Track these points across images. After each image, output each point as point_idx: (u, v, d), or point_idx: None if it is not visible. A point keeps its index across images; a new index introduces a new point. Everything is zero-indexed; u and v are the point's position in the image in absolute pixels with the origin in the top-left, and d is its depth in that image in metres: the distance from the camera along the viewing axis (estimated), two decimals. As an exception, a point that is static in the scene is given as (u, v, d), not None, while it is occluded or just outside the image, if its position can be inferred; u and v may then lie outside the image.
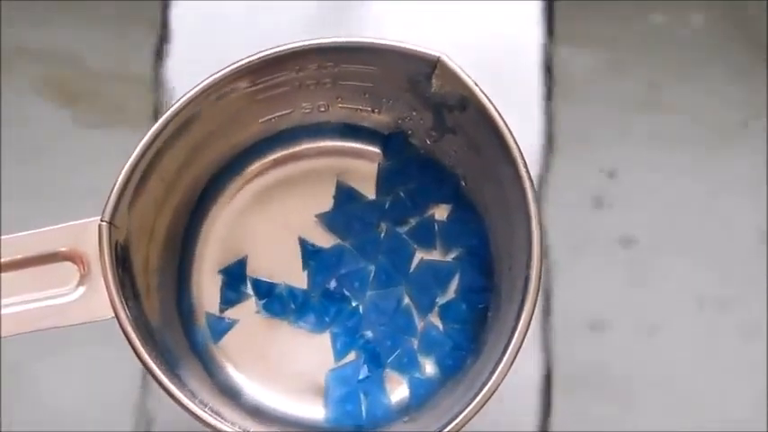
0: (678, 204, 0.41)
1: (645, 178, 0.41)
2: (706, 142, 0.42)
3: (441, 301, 0.35)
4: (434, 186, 0.35)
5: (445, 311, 0.35)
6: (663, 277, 0.40)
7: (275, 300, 0.35)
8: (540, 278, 0.29)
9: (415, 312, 0.35)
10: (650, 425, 0.39)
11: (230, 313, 0.35)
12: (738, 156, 0.41)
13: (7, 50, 0.42)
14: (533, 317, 0.29)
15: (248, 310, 0.35)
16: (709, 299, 0.40)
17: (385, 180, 0.36)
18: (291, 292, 0.35)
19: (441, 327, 0.35)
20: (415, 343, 0.34)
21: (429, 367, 0.34)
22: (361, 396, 0.34)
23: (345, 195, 0.36)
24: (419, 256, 0.35)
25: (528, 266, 0.29)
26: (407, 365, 0.34)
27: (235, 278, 0.35)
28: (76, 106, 0.41)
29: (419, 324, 0.35)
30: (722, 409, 0.39)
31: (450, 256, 0.35)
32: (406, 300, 0.35)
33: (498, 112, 0.30)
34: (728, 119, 0.42)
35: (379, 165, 0.36)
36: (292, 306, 0.35)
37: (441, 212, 0.36)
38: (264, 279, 0.35)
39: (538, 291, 0.29)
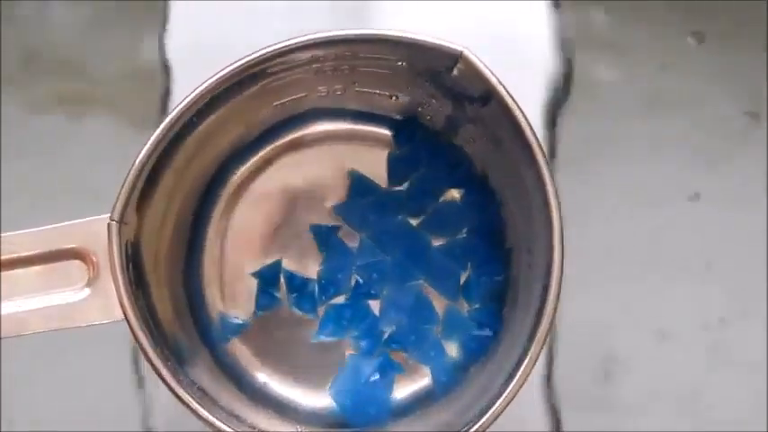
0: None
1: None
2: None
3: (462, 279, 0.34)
4: (447, 171, 0.34)
5: (465, 290, 0.34)
6: (665, 282, 0.40)
7: (306, 297, 0.34)
8: (561, 276, 0.28)
9: (434, 301, 0.34)
10: (650, 425, 0.39)
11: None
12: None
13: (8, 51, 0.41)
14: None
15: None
16: (710, 298, 0.40)
17: (395, 169, 0.35)
18: (323, 291, 0.34)
19: (464, 309, 0.34)
20: (438, 330, 0.34)
21: (453, 352, 0.34)
22: (366, 395, 0.34)
23: (360, 185, 0.35)
24: (434, 243, 0.35)
25: (549, 260, 0.28)
26: (434, 356, 0.34)
27: (268, 281, 0.34)
28: (81, 106, 0.40)
29: (440, 310, 0.34)
30: (722, 409, 0.39)
31: (463, 235, 0.35)
32: (424, 292, 0.34)
33: (521, 110, 0.29)
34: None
35: (389, 153, 0.35)
36: (322, 301, 0.34)
37: (453, 196, 0.35)
38: (299, 275, 0.34)
39: (559, 287, 0.28)
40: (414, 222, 0.35)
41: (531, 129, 0.29)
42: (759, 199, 0.40)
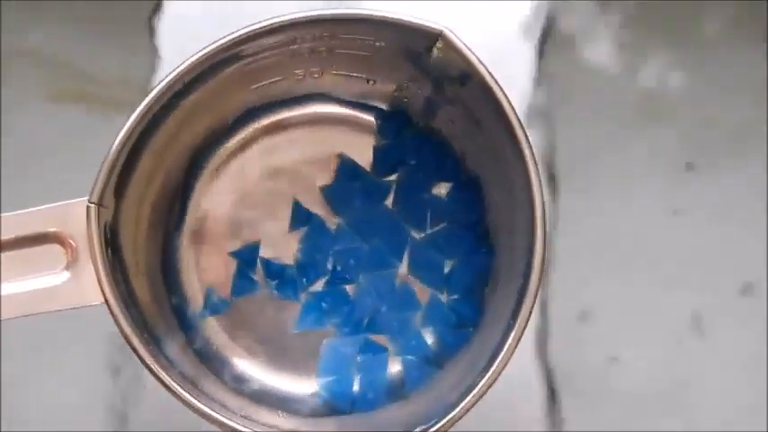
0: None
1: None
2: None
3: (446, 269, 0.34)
4: (435, 164, 0.34)
5: (448, 280, 0.34)
6: (663, 280, 0.40)
7: (287, 282, 0.34)
8: (544, 254, 0.28)
9: (416, 288, 0.34)
10: (650, 425, 0.39)
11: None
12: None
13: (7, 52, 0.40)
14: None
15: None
16: (711, 298, 0.40)
17: (381, 160, 0.35)
18: (302, 272, 0.34)
19: (445, 300, 0.34)
20: (419, 319, 0.34)
21: (430, 345, 0.34)
22: (356, 376, 0.33)
23: (348, 170, 0.35)
24: (416, 235, 0.34)
25: (532, 240, 0.28)
26: (414, 346, 0.34)
27: (246, 263, 0.34)
28: (76, 103, 0.40)
29: (422, 298, 0.34)
30: (722, 409, 0.39)
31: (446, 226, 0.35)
32: (403, 278, 0.34)
33: (502, 89, 0.29)
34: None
35: (374, 146, 0.35)
36: (303, 285, 0.34)
37: (440, 190, 0.35)
38: (276, 261, 0.34)
39: (543, 266, 0.28)
40: (397, 212, 0.35)
41: (512, 106, 0.29)
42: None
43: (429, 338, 0.34)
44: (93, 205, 0.27)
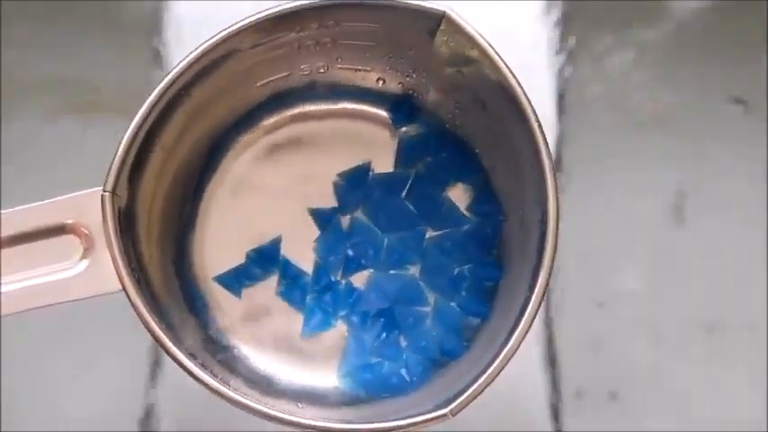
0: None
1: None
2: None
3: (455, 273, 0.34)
4: (456, 164, 0.34)
5: (455, 286, 0.34)
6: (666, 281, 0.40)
7: (297, 289, 0.34)
8: (556, 233, 0.28)
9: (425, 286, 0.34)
10: (650, 425, 0.39)
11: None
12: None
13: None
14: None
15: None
16: (711, 297, 0.40)
17: (406, 152, 0.35)
18: (319, 281, 0.34)
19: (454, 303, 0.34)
20: (431, 320, 0.34)
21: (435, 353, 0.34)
22: (383, 363, 0.33)
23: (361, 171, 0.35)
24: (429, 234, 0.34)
25: (544, 222, 0.28)
26: (424, 346, 0.33)
27: (266, 259, 0.34)
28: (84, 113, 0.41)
29: (431, 298, 0.34)
30: (722, 410, 0.39)
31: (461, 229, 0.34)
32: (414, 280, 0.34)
33: (508, 66, 0.29)
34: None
35: (400, 138, 0.35)
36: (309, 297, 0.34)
37: (457, 192, 0.35)
38: (297, 265, 0.34)
39: (555, 248, 0.28)
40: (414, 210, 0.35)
41: (518, 82, 0.29)
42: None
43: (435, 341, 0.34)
44: (107, 193, 0.27)
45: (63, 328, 0.38)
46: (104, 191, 0.28)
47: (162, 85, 0.29)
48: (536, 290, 0.28)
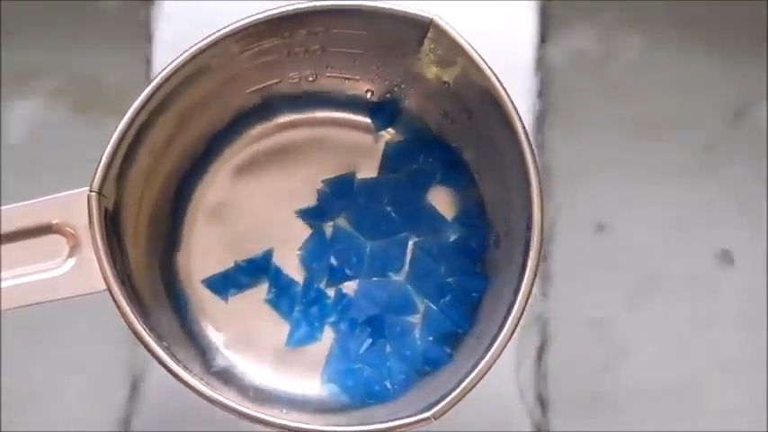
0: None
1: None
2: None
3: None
4: (442, 171, 0.35)
5: (441, 293, 0.34)
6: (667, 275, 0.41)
7: (286, 298, 0.34)
8: (541, 238, 0.28)
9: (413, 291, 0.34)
10: (650, 425, 0.39)
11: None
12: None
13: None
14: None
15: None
16: (710, 297, 0.40)
17: (392, 159, 0.35)
18: (307, 294, 0.34)
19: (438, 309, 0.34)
20: (418, 325, 0.34)
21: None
22: (364, 370, 0.33)
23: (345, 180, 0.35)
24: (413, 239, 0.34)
25: (528, 228, 0.28)
26: (409, 356, 0.33)
27: (257, 268, 0.34)
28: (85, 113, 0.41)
29: (420, 306, 0.34)
30: (722, 409, 0.39)
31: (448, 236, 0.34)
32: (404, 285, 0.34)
33: (494, 73, 0.29)
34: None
35: (386, 144, 0.35)
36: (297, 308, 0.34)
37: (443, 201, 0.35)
38: (288, 275, 0.34)
39: (539, 254, 0.28)
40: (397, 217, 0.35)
41: (503, 87, 0.29)
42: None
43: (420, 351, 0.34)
44: (93, 194, 0.28)
45: (47, 329, 0.38)
46: (91, 191, 0.28)
47: (150, 87, 0.29)
48: (519, 296, 0.28)
